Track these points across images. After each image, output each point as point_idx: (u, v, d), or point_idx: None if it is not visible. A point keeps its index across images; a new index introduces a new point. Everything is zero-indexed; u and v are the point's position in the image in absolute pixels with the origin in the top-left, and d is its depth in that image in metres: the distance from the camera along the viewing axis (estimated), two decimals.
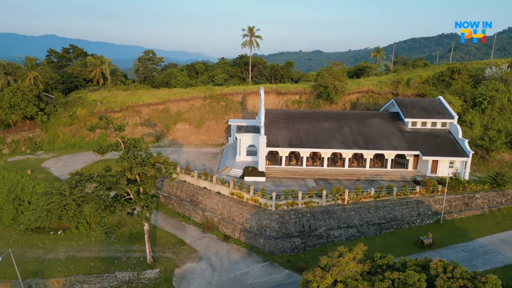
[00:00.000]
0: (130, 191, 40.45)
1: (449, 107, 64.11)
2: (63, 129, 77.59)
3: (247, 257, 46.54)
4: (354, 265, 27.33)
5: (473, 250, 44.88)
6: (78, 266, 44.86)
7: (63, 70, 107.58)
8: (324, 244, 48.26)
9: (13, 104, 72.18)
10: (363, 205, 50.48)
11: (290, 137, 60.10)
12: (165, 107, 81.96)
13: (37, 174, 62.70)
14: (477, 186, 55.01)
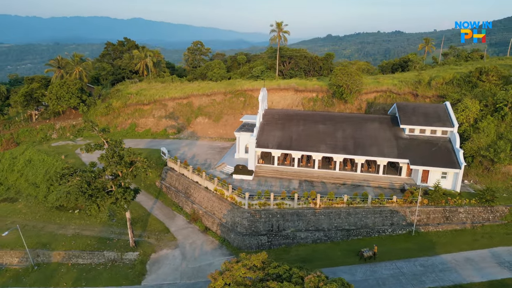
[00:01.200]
0: (112, 184, 47.58)
1: (452, 114, 61.82)
2: (100, 119, 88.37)
3: (217, 249, 51.77)
4: (245, 271, 31.04)
5: (431, 265, 45.19)
6: (78, 242, 53.72)
7: (115, 62, 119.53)
8: (289, 244, 51.61)
9: (59, 96, 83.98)
10: (334, 211, 52.51)
11: (281, 139, 63.03)
12: (189, 101, 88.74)
13: (69, 159, 73.42)
14: (462, 200, 53.65)
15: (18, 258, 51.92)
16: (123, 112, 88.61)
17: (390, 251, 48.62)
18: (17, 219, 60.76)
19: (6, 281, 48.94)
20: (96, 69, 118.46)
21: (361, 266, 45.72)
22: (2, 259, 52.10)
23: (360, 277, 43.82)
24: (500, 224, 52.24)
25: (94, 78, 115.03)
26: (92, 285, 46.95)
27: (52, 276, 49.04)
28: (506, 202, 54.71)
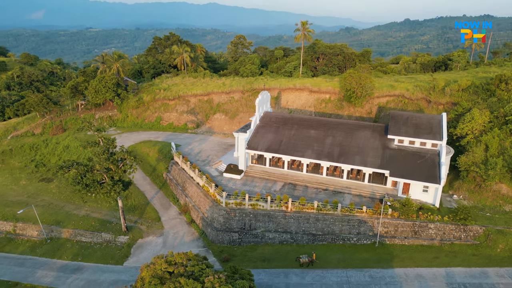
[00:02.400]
0: (106, 177, 55.55)
1: (444, 127, 60.50)
2: (131, 111, 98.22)
3: (194, 241, 57.83)
4: (166, 266, 36.36)
5: (380, 277, 46.90)
6: (85, 223, 63.07)
7: (157, 56, 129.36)
8: (258, 243, 55.95)
9: (97, 90, 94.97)
10: (304, 215, 55.58)
11: (272, 142, 66.54)
12: (209, 98, 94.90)
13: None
14: (434, 216, 53.49)
15: (37, 232, 62.60)
16: (152, 106, 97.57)
17: (347, 259, 50.90)
18: (46, 197, 72.12)
19: (25, 249, 59.74)
20: (141, 62, 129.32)
21: (314, 271, 48.87)
22: (25, 231, 63.18)
23: (307, 281, 47.14)
24: (471, 244, 51.52)
25: (137, 71, 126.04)
26: (86, 260, 55.75)
27: (59, 249, 58.81)
28: (484, 222, 53.43)
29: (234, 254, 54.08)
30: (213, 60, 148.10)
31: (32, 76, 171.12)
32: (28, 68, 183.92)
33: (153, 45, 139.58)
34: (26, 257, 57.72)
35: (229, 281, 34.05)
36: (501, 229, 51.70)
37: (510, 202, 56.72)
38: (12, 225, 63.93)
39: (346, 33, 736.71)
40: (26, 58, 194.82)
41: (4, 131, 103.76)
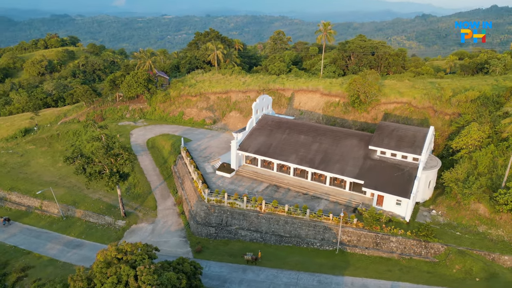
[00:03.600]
0: (107, 168, 63.96)
1: (427, 141, 60.09)
2: (159, 105, 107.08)
3: (178, 231, 64.50)
4: (116, 253, 42.96)
5: (327, 283, 49.91)
6: (95, 205, 72.68)
7: (194, 52, 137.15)
8: (231, 238, 61.08)
9: (130, 85, 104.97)
10: (275, 217, 59.49)
11: (262, 145, 70.48)
12: (227, 96, 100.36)
13: (122, 138, 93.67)
14: (397, 230, 54.43)
15: (57, 210, 73.49)
16: (177, 101, 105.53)
17: (305, 262, 54.24)
18: (72, 180, 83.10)
19: (44, 224, 70.83)
20: (180, 57, 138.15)
21: (270, 270, 53.12)
22: (48, 208, 74.44)
23: (261, 278, 51.67)
24: (429, 262, 52.06)
25: (175, 66, 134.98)
26: (87, 239, 65.15)
27: (70, 227, 69.02)
28: (450, 241, 53.36)
29: (208, 246, 59.80)
30: (249, 55, 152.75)
31: (95, 65, 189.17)
32: (92, 57, 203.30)
33: (194, 40, 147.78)
34: (43, 231, 68.68)
35: (158, 272, 39.73)
36: (463, 250, 51.48)
37: (485, 223, 55.54)
38: (39, 202, 75.58)
39: (421, 20, 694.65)
40: (92, 48, 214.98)
41: (56, 117, 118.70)
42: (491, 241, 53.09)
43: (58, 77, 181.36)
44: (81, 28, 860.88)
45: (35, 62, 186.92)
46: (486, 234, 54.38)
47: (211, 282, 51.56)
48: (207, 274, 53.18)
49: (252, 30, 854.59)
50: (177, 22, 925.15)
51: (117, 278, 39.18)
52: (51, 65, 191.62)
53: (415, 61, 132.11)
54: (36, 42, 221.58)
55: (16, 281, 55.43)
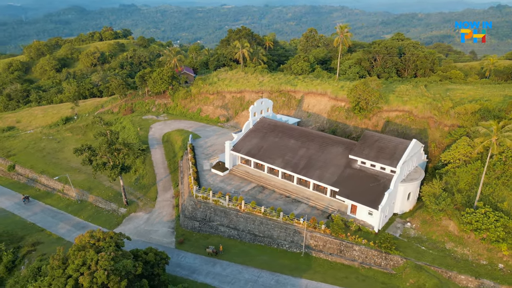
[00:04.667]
0: (109, 160, 71.66)
1: (406, 154, 60.39)
2: (181, 101, 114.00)
3: (168, 222, 70.73)
4: (89, 239, 49.61)
5: (284, 284, 53.43)
6: (106, 192, 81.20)
7: (222, 50, 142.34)
8: (212, 233, 66.10)
9: (155, 81, 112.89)
10: (252, 217, 63.52)
11: (254, 147, 74.22)
12: (241, 95, 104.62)
13: (142, 131, 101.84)
14: (361, 239, 56.11)
15: (75, 194, 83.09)
16: (196, 98, 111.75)
17: (270, 262, 58.00)
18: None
19: (62, 206, 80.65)
20: (211, 55, 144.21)
21: (237, 266, 57.61)
22: (68, 192, 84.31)
23: (226, 273, 56.44)
24: (386, 273, 53.47)
25: (204, 63, 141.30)
26: (92, 222, 73.63)
27: (81, 210, 78.11)
28: (412, 254, 54.24)
29: (190, 239, 65.40)
30: (279, 53, 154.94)
31: (141, 57, 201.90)
32: (140, 50, 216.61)
33: (226, 37, 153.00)
34: (59, 212, 78.43)
35: (116, 259, 45.73)
36: (421, 265, 52.24)
37: (453, 240, 55.41)
38: (62, 186, 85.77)
39: (496, 11, 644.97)
40: (141, 40, 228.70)
41: (94, 108, 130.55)
42: (454, 259, 53.12)
43: (108, 68, 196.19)
44: (145, 17, 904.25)
45: (89, 54, 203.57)
46: (451, 251, 54.38)
47: (182, 271, 57.15)
48: (181, 264, 58.93)
49: (310, 20, 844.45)
50: (236, 12, 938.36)
51: (83, 261, 45.75)
52: (103, 56, 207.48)
53: (446, 63, 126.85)
54: (92, 35, 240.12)
55: (26, 253, 64.94)
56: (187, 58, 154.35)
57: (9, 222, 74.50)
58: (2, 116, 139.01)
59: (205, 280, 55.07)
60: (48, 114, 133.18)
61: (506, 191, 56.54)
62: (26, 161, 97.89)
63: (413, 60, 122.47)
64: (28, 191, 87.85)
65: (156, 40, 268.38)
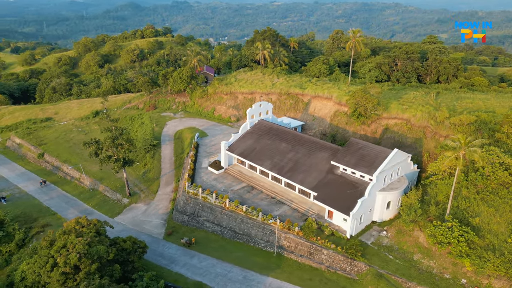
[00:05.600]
0: (114, 153, 78.02)
1: (384, 163, 60.85)
2: (198, 100, 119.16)
3: (163, 214, 75.85)
4: (74, 225, 55.40)
5: (250, 280, 56.51)
6: (114, 183, 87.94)
7: (245, 50, 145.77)
8: (198, 227, 70.29)
9: (174, 80, 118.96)
10: (234, 215, 66.95)
11: (247, 148, 77.31)
12: (252, 96, 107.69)
13: (157, 127, 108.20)
14: (329, 244, 57.67)
15: (88, 183, 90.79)
16: (212, 98, 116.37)
17: (243, 258, 61.30)
18: None
19: (76, 193, 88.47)
20: (235, 55, 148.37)
21: (212, 260, 61.54)
22: (84, 181, 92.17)
23: (201, 265, 60.51)
24: (350, 278, 54.92)
25: (227, 63, 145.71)
26: (98, 209, 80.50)
27: (91, 198, 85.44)
28: (377, 262, 55.24)
29: (178, 231, 70.06)
30: (303, 55, 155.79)
31: (177, 55, 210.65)
32: (177, 48, 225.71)
33: (251, 38, 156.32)
34: (73, 198, 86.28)
35: (91, 245, 51.01)
36: (383, 273, 53.13)
37: (422, 252, 55.55)
38: (79, 175, 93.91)
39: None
40: (179, 38, 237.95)
41: (122, 103, 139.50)
42: (418, 270, 53.39)
43: (145, 65, 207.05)
44: (196, 14, 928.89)
45: (129, 51, 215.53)
46: (418, 262, 54.61)
47: (162, 261, 61.88)
48: (163, 254, 63.72)
49: (360, 18, 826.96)
50: (284, 9, 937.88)
51: (64, 244, 51.55)
52: (142, 53, 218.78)
53: (472, 70, 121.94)
54: (135, 32, 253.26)
55: (35, 234, 72.76)
56: (212, 58, 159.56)
57: (28, 205, 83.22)
58: (44, 107, 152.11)
59: (180, 270, 59.35)
60: (82, 107, 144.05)
61: (483, 206, 55.57)
62: (54, 150, 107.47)
63: (435, 66, 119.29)
64: (51, 177, 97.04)
65: (205, 36, 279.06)
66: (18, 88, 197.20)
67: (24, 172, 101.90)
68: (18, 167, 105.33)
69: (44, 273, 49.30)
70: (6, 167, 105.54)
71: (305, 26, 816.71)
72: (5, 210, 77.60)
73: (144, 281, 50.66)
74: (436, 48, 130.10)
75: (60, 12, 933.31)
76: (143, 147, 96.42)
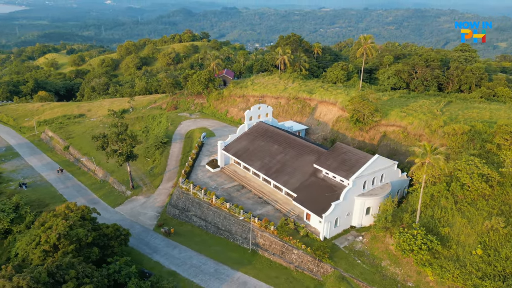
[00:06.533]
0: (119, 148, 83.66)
1: (363, 168, 60.88)
2: (213, 102, 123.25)
3: (158, 207, 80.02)
4: (63, 209, 60.58)
5: (219, 273, 59.00)
6: (122, 176, 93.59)
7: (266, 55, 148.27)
8: (186, 221, 73.63)
9: (193, 83, 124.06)
10: (219, 211, 69.65)
11: (241, 149, 79.66)
12: (263, 100, 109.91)
13: (171, 127, 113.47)
14: (300, 245, 58.62)
15: (101, 175, 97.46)
16: (226, 100, 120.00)
17: (220, 252, 63.89)
18: None
19: (89, 183, 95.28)
20: (257, 60, 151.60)
21: (191, 252, 64.77)
22: (97, 172, 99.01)
23: (180, 256, 63.87)
24: (315, 279, 55.98)
25: (248, 67, 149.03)
26: (103, 199, 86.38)
27: (100, 189, 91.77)
28: (342, 265, 55.65)
29: (168, 224, 73.76)
30: (327, 60, 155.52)
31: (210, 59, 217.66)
32: (212, 52, 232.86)
33: (276, 43, 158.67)
34: (84, 188, 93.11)
35: (72, 227, 55.76)
36: (346, 276, 53.52)
37: (390, 258, 55.18)
38: (94, 167, 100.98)
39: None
40: (214, 43, 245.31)
41: (148, 103, 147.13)
42: (382, 276, 53.10)
43: (180, 68, 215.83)
44: (244, 20, 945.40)
45: (166, 54, 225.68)
46: (384, 269, 54.26)
47: (146, 249, 65.84)
48: (149, 243, 67.72)
49: (412, 25, 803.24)
50: (332, 16, 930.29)
51: (51, 225, 56.82)
52: (177, 57, 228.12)
53: (497, 80, 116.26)
54: (173, 37, 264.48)
55: None
56: (235, 63, 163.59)
57: (44, 192, 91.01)
58: (80, 104, 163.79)
59: (159, 259, 62.90)
60: (113, 105, 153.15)
61: (458, 217, 54.19)
62: (78, 143, 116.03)
63: (456, 74, 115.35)
64: (71, 168, 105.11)
65: (252, 42, 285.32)
66: (63, 86, 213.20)
67: (50, 162, 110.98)
68: (46, 158, 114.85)
69: (30, 250, 54.72)
70: (36, 157, 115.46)
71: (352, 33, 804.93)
72: (23, 195, 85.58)
73: (117, 264, 54.58)
74: (462, 56, 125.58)
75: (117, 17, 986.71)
76: (154, 144, 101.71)
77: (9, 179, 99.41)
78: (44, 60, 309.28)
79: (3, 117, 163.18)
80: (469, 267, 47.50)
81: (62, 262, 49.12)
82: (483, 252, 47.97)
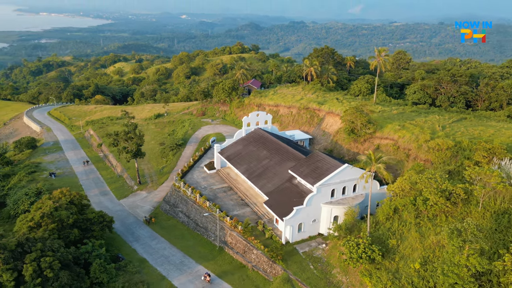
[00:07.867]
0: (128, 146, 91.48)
1: (330, 176, 61.20)
2: (235, 110, 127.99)
3: (155, 202, 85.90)
4: (57, 194, 68.27)
5: (185, 264, 62.85)
6: (134, 172, 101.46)
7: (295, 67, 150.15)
8: (174, 217, 78.43)
9: (217, 91, 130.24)
10: (200, 209, 73.56)
11: (233, 153, 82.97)
12: (277, 109, 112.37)
13: (191, 131, 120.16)
14: (260, 245, 60.33)
15: (119, 170, 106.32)
16: (246, 108, 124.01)
17: (191, 247, 67.92)
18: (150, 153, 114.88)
19: (107, 177, 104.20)
20: (287, 71, 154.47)
21: (167, 244, 69.38)
22: (117, 168, 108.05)
23: (157, 247, 68.79)
24: (266, 279, 57.51)
25: (277, 78, 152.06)
26: (113, 192, 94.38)
27: (114, 182, 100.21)
28: (292, 268, 56.49)
29: (158, 217, 79.21)
30: (359, 73, 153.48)
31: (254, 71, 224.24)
32: (257, 64, 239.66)
33: (309, 55, 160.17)
34: (102, 181, 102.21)
35: (57, 209, 62.99)
36: (292, 279, 54.45)
37: (341, 267, 55.09)
38: (115, 163, 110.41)
39: None
40: (261, 56, 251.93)
41: (182, 108, 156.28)
42: (327, 282, 53.12)
43: (225, 78, 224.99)
44: (310, 34, 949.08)
45: (213, 65, 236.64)
46: (332, 276, 54.20)
47: (129, 237, 71.73)
48: (134, 233, 73.62)
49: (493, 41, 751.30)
50: (404, 30, 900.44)
51: (41, 205, 64.75)
52: (224, 68, 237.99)
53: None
54: (224, 49, 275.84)
55: None
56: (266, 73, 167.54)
57: (67, 181, 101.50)
58: (125, 108, 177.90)
59: (136, 247, 68.28)
60: (152, 110, 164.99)
61: (413, 231, 52.62)
62: (110, 142, 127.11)
63: (486, 91, 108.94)
64: (99, 164, 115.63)
65: None
66: (119, 91, 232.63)
67: (84, 157, 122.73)
68: (82, 153, 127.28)
69: (21, 225, 62.84)
70: (74, 152, 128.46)
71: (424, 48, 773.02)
72: (47, 183, 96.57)
73: (89, 245, 60.70)
74: (497, 73, 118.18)
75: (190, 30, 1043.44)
76: (170, 145, 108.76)
77: (44, 169, 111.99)
78: (113, 68, 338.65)
79: (61, 116, 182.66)
80: (403, 280, 46.14)
81: (34, 236, 56.09)
82: (421, 266, 46.36)
